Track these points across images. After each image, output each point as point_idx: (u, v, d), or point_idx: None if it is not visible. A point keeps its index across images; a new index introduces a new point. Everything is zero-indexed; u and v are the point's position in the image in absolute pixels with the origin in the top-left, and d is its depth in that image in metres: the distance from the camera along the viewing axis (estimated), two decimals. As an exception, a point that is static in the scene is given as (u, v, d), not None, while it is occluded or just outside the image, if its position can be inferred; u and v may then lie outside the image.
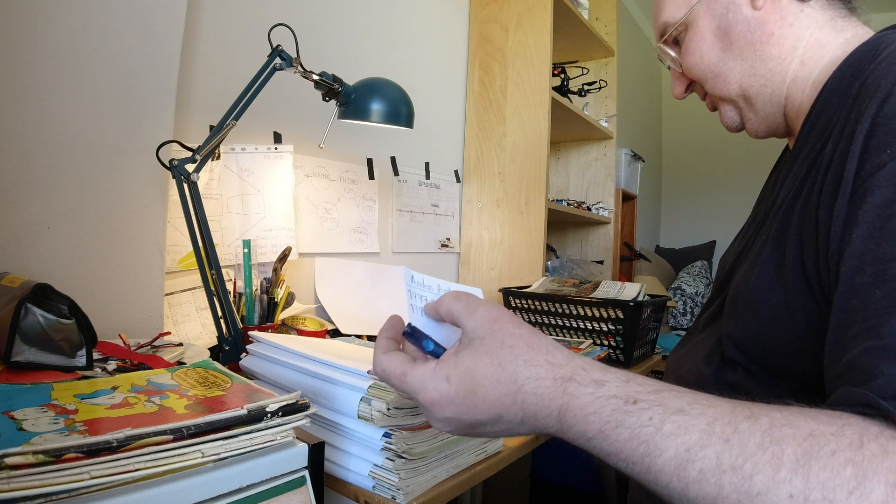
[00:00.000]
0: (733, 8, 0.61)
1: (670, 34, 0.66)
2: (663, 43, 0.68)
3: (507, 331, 0.41)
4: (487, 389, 0.40)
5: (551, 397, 0.39)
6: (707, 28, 0.63)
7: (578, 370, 0.39)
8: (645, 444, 0.35)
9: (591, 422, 0.37)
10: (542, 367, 0.40)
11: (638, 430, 0.36)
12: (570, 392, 0.38)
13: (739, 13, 0.61)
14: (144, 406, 0.46)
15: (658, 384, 0.38)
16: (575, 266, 2.05)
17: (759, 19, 0.60)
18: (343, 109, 1.02)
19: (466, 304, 0.43)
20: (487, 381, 0.40)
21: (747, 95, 0.63)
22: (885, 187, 0.40)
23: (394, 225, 1.63)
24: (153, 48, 0.92)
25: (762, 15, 0.60)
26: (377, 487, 0.53)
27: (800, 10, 0.59)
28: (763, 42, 0.60)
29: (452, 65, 1.87)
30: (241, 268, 0.97)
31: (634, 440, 0.36)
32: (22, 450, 0.32)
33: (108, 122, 0.88)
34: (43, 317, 0.60)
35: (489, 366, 0.40)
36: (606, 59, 2.30)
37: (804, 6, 0.59)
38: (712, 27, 0.63)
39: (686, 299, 2.95)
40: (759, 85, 0.61)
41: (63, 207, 0.84)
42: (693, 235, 3.99)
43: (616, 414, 0.37)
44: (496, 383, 0.40)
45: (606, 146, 2.30)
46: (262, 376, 0.68)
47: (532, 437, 0.71)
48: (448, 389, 0.41)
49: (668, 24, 0.66)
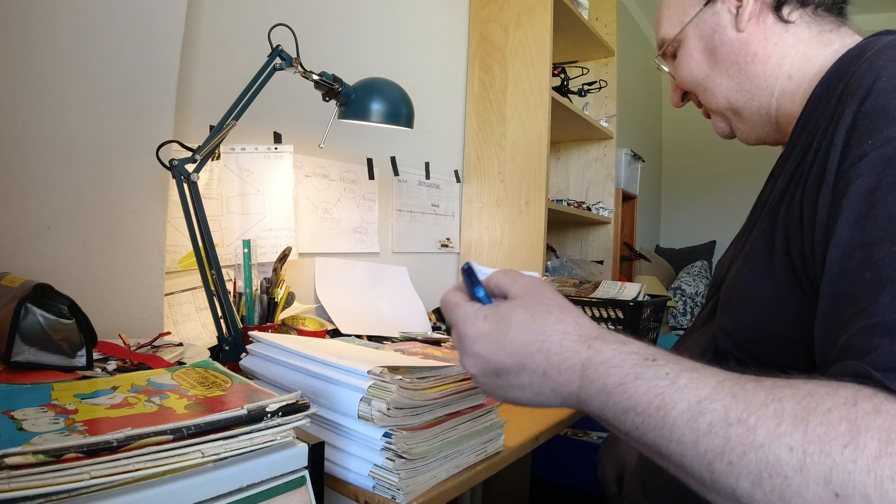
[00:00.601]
0: (719, 29, 0.64)
1: (666, 48, 0.71)
2: (661, 56, 0.73)
3: (545, 294, 0.46)
4: (516, 334, 0.43)
5: (576, 350, 0.42)
6: (696, 47, 0.67)
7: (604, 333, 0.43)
8: (661, 396, 0.37)
9: (612, 374, 0.40)
10: (571, 325, 0.43)
11: (655, 382, 0.38)
12: (594, 347, 0.41)
13: (724, 35, 0.64)
14: (144, 406, 0.46)
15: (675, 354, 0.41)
16: (575, 266, 2.05)
17: (742, 40, 0.63)
18: (343, 109, 1.02)
19: (513, 275, 0.48)
20: (518, 327, 0.43)
21: (735, 108, 0.66)
22: (868, 176, 0.42)
23: (394, 225, 1.63)
24: (153, 48, 0.92)
25: (746, 36, 0.62)
26: (377, 487, 0.53)
27: (784, 29, 0.61)
28: (748, 62, 0.63)
29: (452, 65, 1.87)
30: (241, 268, 0.97)
31: (651, 392, 0.38)
32: (22, 450, 0.32)
33: (108, 122, 0.88)
34: (43, 317, 0.60)
35: (523, 315, 0.44)
36: (606, 59, 2.30)
37: (788, 26, 0.61)
38: (700, 46, 0.66)
39: (686, 299, 2.95)
40: (745, 99, 0.65)
41: (63, 207, 0.84)
42: (693, 235, 3.99)
43: (636, 367, 0.39)
44: (525, 330, 0.43)
45: (606, 146, 2.30)
46: (262, 376, 0.68)
47: (532, 437, 0.71)
48: (482, 326, 0.45)
49: (665, 39, 0.71)
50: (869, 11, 3.40)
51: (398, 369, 0.56)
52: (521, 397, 0.46)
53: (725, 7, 0.64)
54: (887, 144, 0.43)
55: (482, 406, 0.63)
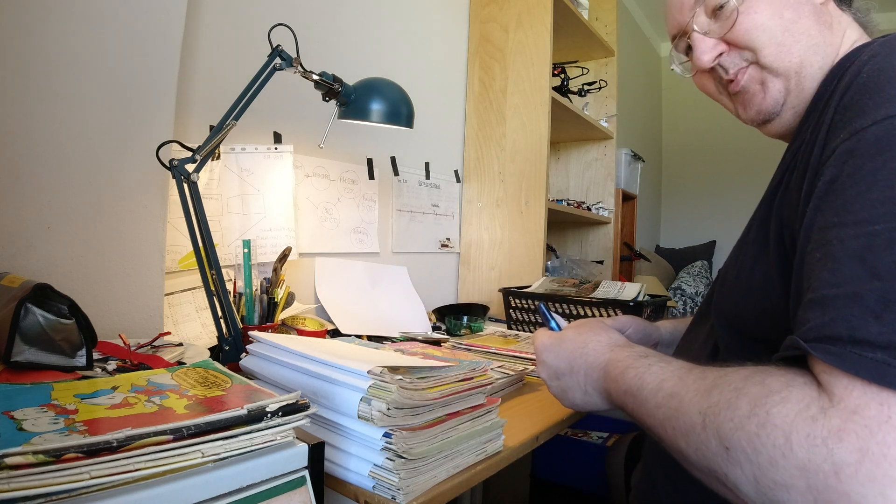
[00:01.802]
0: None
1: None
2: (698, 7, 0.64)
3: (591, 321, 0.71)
4: (567, 345, 0.67)
5: (602, 353, 0.63)
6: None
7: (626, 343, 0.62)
8: (640, 378, 0.54)
9: (618, 367, 0.58)
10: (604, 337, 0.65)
11: (639, 370, 0.55)
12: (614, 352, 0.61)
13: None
14: (144, 406, 0.46)
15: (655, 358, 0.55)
16: (575, 266, 2.05)
17: (821, 10, 0.61)
18: (343, 109, 1.02)
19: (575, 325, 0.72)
20: (569, 341, 0.67)
21: (803, 74, 0.60)
22: (833, 166, 0.46)
23: (394, 225, 1.63)
24: (153, 48, 0.92)
25: (822, 7, 0.61)
26: (377, 487, 0.53)
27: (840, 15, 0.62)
28: (828, 25, 0.60)
29: (452, 65, 1.87)
30: (241, 268, 0.97)
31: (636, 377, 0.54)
32: (22, 450, 0.32)
33: (109, 122, 0.88)
34: (43, 317, 0.60)
35: (573, 333, 0.68)
36: (606, 59, 2.30)
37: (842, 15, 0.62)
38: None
39: (686, 299, 2.95)
40: (817, 67, 0.59)
41: (63, 207, 0.84)
42: (693, 235, 3.99)
43: (630, 359, 0.57)
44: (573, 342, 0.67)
45: (606, 146, 2.30)
46: (262, 376, 0.68)
47: (532, 437, 0.72)
48: (547, 340, 0.70)
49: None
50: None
51: (398, 369, 0.56)
52: (577, 399, 0.66)
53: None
54: (853, 136, 0.45)
55: (482, 406, 0.63)
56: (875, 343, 0.37)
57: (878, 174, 0.42)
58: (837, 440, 0.36)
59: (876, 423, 0.35)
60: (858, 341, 0.37)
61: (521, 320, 1.44)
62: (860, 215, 0.42)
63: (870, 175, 0.43)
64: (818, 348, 0.39)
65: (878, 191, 0.42)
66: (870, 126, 0.44)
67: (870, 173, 0.43)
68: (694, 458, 0.44)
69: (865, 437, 0.35)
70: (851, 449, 0.35)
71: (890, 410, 0.35)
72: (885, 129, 0.44)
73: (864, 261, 0.40)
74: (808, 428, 0.37)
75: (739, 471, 0.40)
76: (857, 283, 0.39)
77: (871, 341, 0.37)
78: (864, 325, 0.38)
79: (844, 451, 0.35)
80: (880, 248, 0.39)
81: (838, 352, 0.38)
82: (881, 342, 0.36)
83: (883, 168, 0.42)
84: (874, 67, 0.48)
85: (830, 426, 0.36)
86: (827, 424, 0.37)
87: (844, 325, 0.38)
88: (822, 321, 0.40)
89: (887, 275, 0.38)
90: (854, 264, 0.40)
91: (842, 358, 0.37)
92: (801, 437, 0.37)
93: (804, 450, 0.37)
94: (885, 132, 0.43)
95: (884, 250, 0.39)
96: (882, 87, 0.46)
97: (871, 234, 0.40)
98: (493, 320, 1.64)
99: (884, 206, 0.41)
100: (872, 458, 0.34)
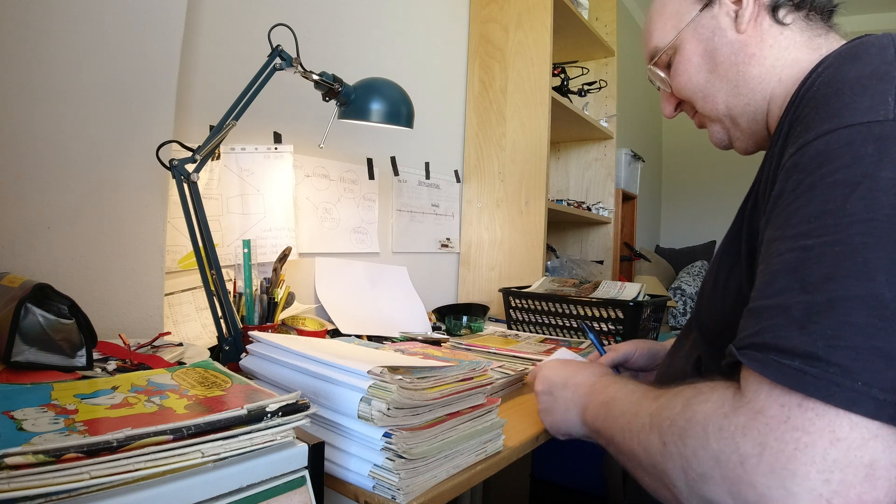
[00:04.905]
0: (718, 32, 0.64)
1: (660, 57, 0.70)
2: (654, 65, 0.72)
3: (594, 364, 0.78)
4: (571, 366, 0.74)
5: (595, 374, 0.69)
6: (694, 51, 0.67)
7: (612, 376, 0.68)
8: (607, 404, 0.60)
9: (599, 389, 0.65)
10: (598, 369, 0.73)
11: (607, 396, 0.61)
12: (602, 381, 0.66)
13: (724, 37, 0.64)
14: (144, 406, 0.46)
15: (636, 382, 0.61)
16: (575, 266, 2.05)
17: (742, 42, 0.63)
18: (343, 109, 1.02)
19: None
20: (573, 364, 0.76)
21: (732, 115, 0.66)
22: (780, 181, 0.48)
23: (394, 225, 1.63)
24: (153, 48, 0.92)
25: (745, 38, 0.63)
26: (377, 487, 0.53)
27: (779, 32, 0.62)
28: (745, 63, 0.63)
29: (452, 65, 1.87)
30: (241, 268, 0.97)
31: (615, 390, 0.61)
32: (22, 450, 0.32)
33: (109, 122, 0.88)
34: (43, 317, 0.60)
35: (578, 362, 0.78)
36: (606, 59, 2.30)
37: (784, 28, 0.62)
38: (699, 50, 0.66)
39: (686, 299, 2.95)
40: (742, 104, 0.65)
41: (63, 207, 0.84)
42: (693, 235, 3.99)
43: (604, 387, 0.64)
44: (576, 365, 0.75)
45: (606, 146, 2.30)
46: (262, 376, 0.68)
47: (532, 437, 0.72)
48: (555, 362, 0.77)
49: (658, 47, 0.70)
50: (868, 11, 3.40)
51: (398, 369, 0.56)
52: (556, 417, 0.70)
53: (723, 10, 0.64)
54: (798, 150, 0.46)
55: (482, 406, 0.63)
56: (794, 351, 0.39)
57: (815, 189, 0.43)
58: (742, 434, 0.40)
59: (776, 422, 0.38)
60: (781, 349, 0.40)
61: (521, 320, 1.44)
62: (797, 229, 0.43)
63: (808, 190, 0.44)
64: (746, 354, 0.42)
65: (815, 205, 0.43)
66: (812, 140, 0.45)
67: (808, 188, 0.44)
68: (643, 457, 0.49)
69: (766, 433, 0.39)
70: (754, 443, 0.39)
71: (790, 413, 0.38)
72: (826, 143, 0.44)
73: (794, 273, 0.42)
74: (721, 422, 0.41)
75: (672, 464, 0.44)
76: (787, 296, 0.41)
77: (792, 350, 0.39)
78: (787, 335, 0.40)
79: (748, 444, 0.39)
80: (811, 261, 0.41)
81: (761, 358, 0.41)
82: (800, 351, 0.39)
83: (820, 182, 0.43)
84: (824, 80, 0.49)
85: (738, 422, 0.40)
86: (735, 420, 0.41)
87: (770, 335, 0.41)
88: (754, 330, 0.43)
89: (814, 288, 0.40)
90: (786, 277, 0.42)
91: (763, 364, 0.40)
92: (715, 430, 0.41)
93: (717, 441, 0.41)
94: (826, 146, 0.44)
95: (814, 264, 0.41)
96: (828, 100, 0.47)
97: (804, 249, 0.42)
98: (493, 320, 1.64)
99: (818, 221, 0.42)
100: (771, 453, 0.38)
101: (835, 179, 0.42)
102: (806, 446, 0.37)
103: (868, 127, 0.43)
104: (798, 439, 0.37)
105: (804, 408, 0.38)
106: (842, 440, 0.36)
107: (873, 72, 0.46)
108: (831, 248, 0.40)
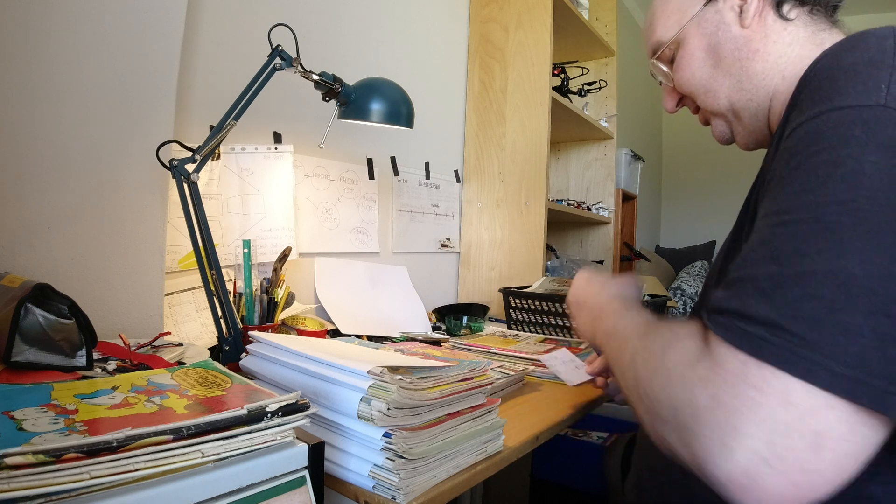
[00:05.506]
0: (723, 27, 0.64)
1: (663, 52, 0.71)
2: (657, 60, 0.72)
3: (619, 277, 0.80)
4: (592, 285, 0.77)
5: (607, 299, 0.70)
6: (698, 46, 0.67)
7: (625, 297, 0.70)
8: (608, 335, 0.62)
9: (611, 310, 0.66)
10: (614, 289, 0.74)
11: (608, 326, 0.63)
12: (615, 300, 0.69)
13: (728, 31, 0.64)
14: (144, 406, 0.46)
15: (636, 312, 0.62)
16: (575, 266, 2.05)
17: (746, 37, 0.63)
18: (343, 109, 1.02)
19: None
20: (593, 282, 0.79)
21: (735, 109, 0.66)
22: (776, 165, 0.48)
23: (394, 225, 1.63)
24: (153, 48, 0.92)
25: (749, 33, 0.63)
26: (377, 487, 0.53)
27: (783, 27, 0.62)
28: (749, 58, 0.63)
29: (452, 65, 1.87)
30: (241, 268, 0.97)
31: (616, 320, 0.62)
32: (22, 450, 0.32)
33: (109, 122, 0.88)
34: (43, 317, 0.60)
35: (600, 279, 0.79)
36: (606, 59, 2.30)
37: (787, 24, 0.62)
38: (703, 45, 0.66)
39: (686, 299, 2.95)
40: (745, 99, 0.65)
41: (63, 207, 0.84)
42: (693, 235, 3.99)
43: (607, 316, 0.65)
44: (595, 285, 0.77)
45: (606, 146, 2.30)
46: (262, 376, 0.68)
47: (532, 437, 0.72)
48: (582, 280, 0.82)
49: (661, 42, 0.70)
50: (869, 11, 3.40)
51: (398, 369, 0.56)
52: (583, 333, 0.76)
53: (728, 5, 0.64)
54: (792, 133, 0.47)
55: (482, 406, 0.63)
56: (758, 319, 0.40)
57: (800, 168, 0.44)
58: (701, 386, 0.41)
59: (733, 376, 0.39)
60: (745, 316, 0.41)
61: (521, 320, 1.44)
62: (779, 205, 0.44)
63: (794, 169, 0.45)
64: (713, 318, 0.43)
65: (798, 183, 0.44)
66: (804, 122, 0.46)
67: (794, 167, 0.45)
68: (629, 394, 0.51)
69: (721, 386, 0.39)
70: (708, 395, 0.40)
71: (748, 370, 0.39)
72: (816, 124, 0.45)
73: (768, 246, 0.43)
74: (683, 371, 0.43)
75: (642, 406, 0.47)
76: (758, 267, 0.43)
77: (755, 317, 0.40)
78: (753, 304, 0.41)
79: (702, 396, 0.40)
80: (786, 236, 0.42)
81: (726, 323, 0.42)
82: (763, 319, 0.40)
83: (806, 162, 0.44)
84: (821, 67, 0.49)
85: (699, 374, 0.42)
86: (697, 372, 0.42)
87: (737, 302, 0.42)
88: (725, 296, 0.44)
89: (784, 261, 0.41)
90: (760, 249, 0.43)
91: (727, 329, 0.41)
92: (677, 378, 0.43)
93: (677, 389, 0.43)
94: (815, 127, 0.45)
95: (788, 239, 0.42)
96: (822, 84, 0.47)
97: (782, 224, 0.43)
98: (493, 320, 1.64)
99: (798, 198, 0.43)
100: (723, 407, 0.39)
101: (820, 159, 0.43)
102: (757, 405, 0.37)
103: (858, 110, 0.43)
104: (752, 398, 0.38)
105: (762, 369, 0.38)
106: (794, 405, 0.37)
107: (870, 59, 0.46)
108: (807, 224, 0.41)
